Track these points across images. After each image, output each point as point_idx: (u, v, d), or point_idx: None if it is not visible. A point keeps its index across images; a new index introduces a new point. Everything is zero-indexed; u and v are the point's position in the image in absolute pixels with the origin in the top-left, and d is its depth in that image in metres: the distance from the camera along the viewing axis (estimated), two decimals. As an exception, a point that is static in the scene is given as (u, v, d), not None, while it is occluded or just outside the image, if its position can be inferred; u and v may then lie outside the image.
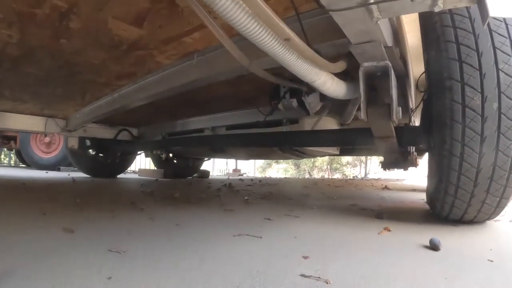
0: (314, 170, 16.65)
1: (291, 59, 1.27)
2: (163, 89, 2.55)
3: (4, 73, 2.73)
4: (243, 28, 1.05)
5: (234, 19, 1.01)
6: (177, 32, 1.95)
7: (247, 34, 1.09)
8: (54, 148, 7.45)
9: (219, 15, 1.00)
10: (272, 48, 1.17)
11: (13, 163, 14.12)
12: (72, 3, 1.67)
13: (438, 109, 1.64)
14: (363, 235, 1.62)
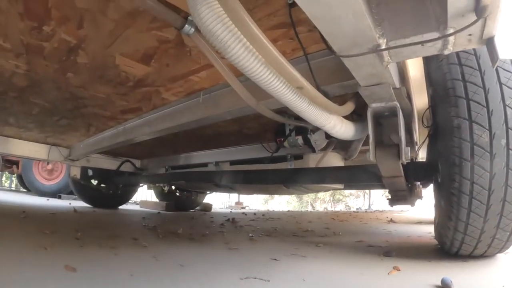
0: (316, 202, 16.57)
1: (302, 105, 1.26)
2: (169, 125, 2.55)
3: (10, 101, 2.74)
4: (255, 76, 1.05)
5: (246, 67, 1.00)
6: (184, 70, 1.96)
7: (259, 82, 1.08)
8: (56, 175, 7.41)
9: (231, 62, 0.99)
10: (284, 96, 1.17)
11: (14, 187, 14.08)
12: (80, 39, 1.67)
13: (446, 148, 1.63)
14: (373, 275, 1.59)
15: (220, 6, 0.87)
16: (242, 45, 0.94)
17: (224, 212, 6.73)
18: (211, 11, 0.88)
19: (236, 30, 0.91)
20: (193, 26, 1.30)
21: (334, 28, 0.94)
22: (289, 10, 1.23)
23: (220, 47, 0.94)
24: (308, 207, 11.35)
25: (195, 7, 0.88)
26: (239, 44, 0.93)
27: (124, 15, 1.44)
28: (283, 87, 1.12)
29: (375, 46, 1.00)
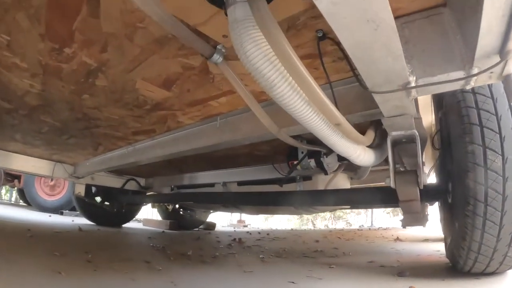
0: (317, 219, 16.51)
1: (335, 139, 1.28)
2: (183, 149, 2.53)
3: (19, 118, 2.71)
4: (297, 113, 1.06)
5: (290, 105, 1.02)
6: (204, 96, 1.95)
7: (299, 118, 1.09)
8: (58, 191, 7.37)
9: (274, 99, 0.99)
10: (321, 131, 1.19)
11: (13, 201, 14.00)
12: (102, 62, 1.66)
13: (460, 172, 1.67)
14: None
15: (267, 44, 0.87)
16: (288, 84, 0.95)
17: (227, 231, 6.69)
18: (258, 49, 0.88)
19: (283, 69, 0.92)
20: (221, 55, 1.31)
21: (372, 68, 0.97)
22: (317, 43, 1.26)
23: (265, 85, 0.95)
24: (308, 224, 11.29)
25: (241, 44, 0.89)
26: (285, 83, 0.94)
27: (151, 41, 1.44)
28: (322, 123, 1.14)
29: (405, 83, 1.04)
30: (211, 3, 1.05)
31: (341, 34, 0.81)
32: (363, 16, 0.74)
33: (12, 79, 1.95)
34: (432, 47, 1.09)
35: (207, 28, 1.23)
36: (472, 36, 0.92)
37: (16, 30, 1.44)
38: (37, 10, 1.30)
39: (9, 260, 1.94)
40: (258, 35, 0.88)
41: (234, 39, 0.91)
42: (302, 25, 1.23)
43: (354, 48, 0.88)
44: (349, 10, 0.72)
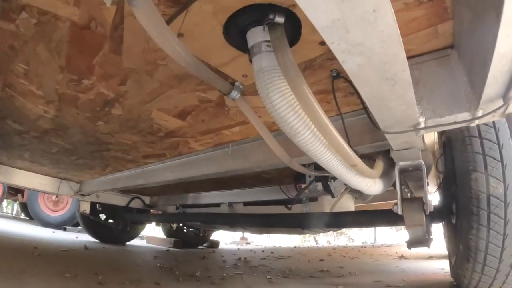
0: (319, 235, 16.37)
1: (350, 176, 1.34)
2: (193, 174, 2.56)
3: (30, 139, 2.73)
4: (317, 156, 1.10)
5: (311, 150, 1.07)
6: (218, 126, 1.98)
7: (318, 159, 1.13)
8: (62, 207, 7.33)
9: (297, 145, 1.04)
10: (338, 170, 1.24)
11: (14, 213, 13.95)
12: (119, 94, 1.70)
13: (464, 198, 1.75)
14: None
15: (291, 93, 0.92)
16: (311, 131, 0.99)
17: (231, 249, 6.67)
18: (283, 99, 0.93)
19: (306, 118, 0.96)
20: (239, 91, 1.36)
21: (386, 114, 1.03)
22: (332, 81, 1.32)
23: (289, 132, 1.00)
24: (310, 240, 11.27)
25: (267, 94, 0.93)
26: (308, 131, 0.99)
27: (171, 77, 1.48)
28: (339, 164, 1.19)
29: (416, 124, 1.10)
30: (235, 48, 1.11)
31: (362, 88, 0.88)
32: (383, 75, 0.80)
33: (26, 104, 1.98)
34: (441, 88, 1.15)
35: (228, 69, 1.28)
36: (478, 83, 0.97)
37: (35, 61, 1.48)
38: (58, 44, 1.34)
39: (22, 282, 1.95)
40: (283, 85, 0.93)
41: (260, 88, 0.96)
42: (318, 65, 1.28)
43: (372, 99, 0.94)
44: (372, 71, 0.78)
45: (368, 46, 0.70)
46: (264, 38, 0.96)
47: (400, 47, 0.71)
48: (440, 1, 0.96)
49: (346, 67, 0.76)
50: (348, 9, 0.59)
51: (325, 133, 1.01)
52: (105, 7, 1.08)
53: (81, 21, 1.18)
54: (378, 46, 0.70)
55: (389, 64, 0.76)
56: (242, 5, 0.93)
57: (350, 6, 0.59)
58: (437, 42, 1.16)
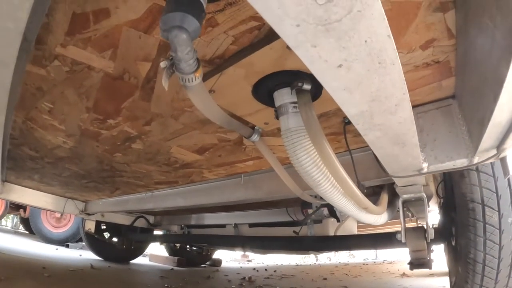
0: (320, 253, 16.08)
1: (361, 215, 1.46)
2: (205, 202, 2.62)
3: (43, 164, 2.76)
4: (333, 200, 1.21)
5: (329, 197, 1.18)
6: (233, 160, 2.06)
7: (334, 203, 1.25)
8: (64, 223, 7.36)
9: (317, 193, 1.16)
10: (351, 211, 1.36)
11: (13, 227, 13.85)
12: (143, 132, 1.76)
13: (462, 225, 1.87)
14: None
15: (315, 151, 1.04)
16: (330, 183, 1.11)
17: (234, 267, 6.70)
18: (308, 157, 1.05)
19: (327, 171, 1.08)
20: (258, 134, 1.47)
21: (395, 164, 1.17)
22: (344, 127, 1.46)
23: (311, 183, 1.11)
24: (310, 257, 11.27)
25: (294, 151, 1.05)
26: (328, 182, 1.11)
27: (194, 121, 1.57)
28: (352, 207, 1.31)
29: (419, 169, 1.22)
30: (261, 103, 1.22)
31: (377, 150, 1.02)
32: (396, 142, 0.94)
33: (46, 136, 2.01)
34: (442, 136, 1.28)
35: (252, 118, 1.39)
36: (476, 136, 1.10)
37: (62, 102, 1.53)
38: (88, 90, 1.40)
39: None
40: (308, 144, 1.05)
41: (288, 145, 1.08)
42: (333, 114, 1.41)
43: (384, 157, 1.08)
44: (387, 140, 0.92)
45: (386, 126, 0.84)
46: (291, 100, 1.07)
47: (412, 124, 0.85)
48: (445, 63, 1.09)
49: (367, 138, 0.90)
50: (376, 105, 0.74)
51: (342, 183, 1.13)
52: (140, 63, 1.17)
53: (115, 73, 1.25)
54: (395, 125, 0.84)
55: (402, 136, 0.90)
56: (273, 70, 1.04)
57: (378, 104, 0.73)
58: (440, 93, 1.29)
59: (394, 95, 0.71)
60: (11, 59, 0.93)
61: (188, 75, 0.78)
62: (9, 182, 3.91)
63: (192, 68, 0.77)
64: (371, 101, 0.72)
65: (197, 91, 0.87)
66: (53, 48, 1.13)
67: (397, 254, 10.29)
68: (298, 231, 3.06)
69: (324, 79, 0.65)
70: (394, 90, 0.69)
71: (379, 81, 0.65)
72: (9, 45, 0.87)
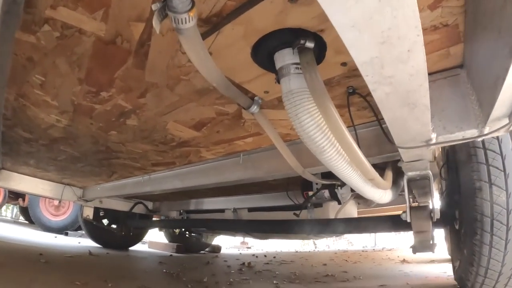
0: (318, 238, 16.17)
1: (366, 188, 1.39)
2: (203, 182, 2.57)
3: (37, 147, 2.73)
4: (338, 171, 1.15)
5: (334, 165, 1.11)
6: (232, 136, 2.01)
7: (339, 174, 1.18)
8: (63, 212, 7.34)
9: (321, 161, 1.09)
10: (356, 183, 1.29)
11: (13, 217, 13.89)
12: (137, 106, 1.71)
13: (468, 205, 1.84)
14: None
15: (319, 113, 0.97)
16: (335, 149, 1.05)
17: (233, 253, 6.68)
18: (312, 120, 0.97)
19: (332, 137, 1.01)
20: (258, 105, 1.40)
21: (403, 132, 1.10)
22: (347, 97, 1.39)
23: (315, 150, 1.05)
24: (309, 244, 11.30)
25: (296, 114, 0.98)
26: (333, 149, 1.04)
27: (191, 92, 1.50)
28: (358, 178, 1.24)
29: (428, 140, 1.16)
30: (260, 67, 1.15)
31: (385, 112, 0.94)
32: (406, 101, 0.87)
33: (39, 114, 1.98)
34: (451, 106, 1.23)
35: (251, 85, 1.32)
36: (487, 104, 1.05)
37: (53, 73, 1.48)
38: (79, 58, 1.35)
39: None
40: (312, 106, 0.97)
41: (289, 108, 1.00)
42: (336, 83, 1.33)
43: (392, 120, 1.01)
44: (396, 98, 0.85)
45: (397, 78, 0.77)
46: (293, 61, 1.00)
47: (425, 79, 0.79)
48: (454, 27, 1.02)
49: (375, 95, 0.83)
50: (386, 50, 0.66)
51: (349, 150, 1.06)
52: (133, 24, 1.10)
53: (106, 36, 1.19)
54: (406, 79, 0.77)
55: (413, 92, 0.83)
56: (273, 28, 0.97)
57: (389, 47, 0.66)
58: (447, 62, 1.23)
59: (407, 36, 0.64)
60: None
61: (182, 15, 0.72)
62: (5, 169, 3.89)
63: (186, 6, 0.70)
64: (382, 43, 0.65)
65: (191, 36, 0.80)
66: (43, 11, 1.08)
67: (397, 241, 10.34)
68: (298, 213, 3.02)
69: (331, 12, 0.58)
70: (408, 30, 0.62)
71: (391, 16, 0.58)
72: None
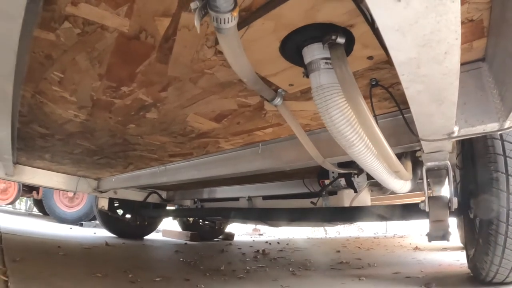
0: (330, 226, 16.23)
1: (390, 180, 1.41)
2: (221, 173, 2.57)
3: (53, 142, 2.73)
4: (365, 164, 1.17)
5: (362, 159, 1.14)
6: (252, 127, 2.00)
7: (366, 167, 1.21)
8: (77, 203, 7.47)
9: (350, 155, 1.10)
10: (381, 175, 1.32)
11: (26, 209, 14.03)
12: (158, 99, 1.69)
13: (485, 196, 1.87)
14: None
15: (349, 108, 0.98)
16: (364, 144, 1.07)
17: (246, 241, 6.74)
18: (342, 115, 0.99)
19: (361, 131, 1.03)
20: (281, 98, 1.40)
21: (428, 125, 1.12)
22: (370, 89, 1.40)
23: (344, 144, 1.07)
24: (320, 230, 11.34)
25: (326, 109, 0.99)
26: (362, 143, 1.06)
27: (214, 85, 1.49)
28: (383, 171, 1.26)
29: (450, 133, 1.18)
30: (288, 61, 1.16)
31: (414, 107, 0.97)
32: (435, 98, 0.90)
33: (56, 110, 1.96)
34: (472, 99, 1.24)
35: (276, 79, 1.32)
36: (508, 98, 1.07)
37: (72, 69, 1.46)
38: (100, 54, 1.32)
39: (54, 285, 1.97)
40: (342, 101, 0.99)
41: (319, 103, 1.02)
42: (360, 75, 1.33)
43: (419, 115, 1.03)
44: (427, 95, 0.88)
45: (430, 77, 0.80)
46: (322, 55, 1.00)
47: (456, 78, 0.81)
48: (479, 22, 1.03)
49: (407, 92, 0.86)
50: (425, 52, 0.69)
51: (377, 144, 1.08)
52: (159, 19, 1.08)
53: (130, 32, 1.16)
54: (438, 78, 0.80)
55: (443, 90, 0.86)
56: (303, 23, 0.97)
57: (428, 50, 0.68)
58: (470, 55, 1.24)
59: (447, 40, 0.66)
60: (18, 10, 0.86)
61: (225, 14, 0.72)
62: (20, 164, 3.92)
63: (229, 5, 0.70)
64: (422, 46, 0.68)
65: (231, 35, 0.80)
66: (63, 8, 1.05)
67: (408, 228, 10.34)
68: (315, 202, 3.03)
69: (379, 15, 0.60)
70: (448, 34, 0.64)
71: (435, 21, 0.61)
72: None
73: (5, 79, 1.29)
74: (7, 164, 3.47)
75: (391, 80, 1.36)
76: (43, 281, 2.02)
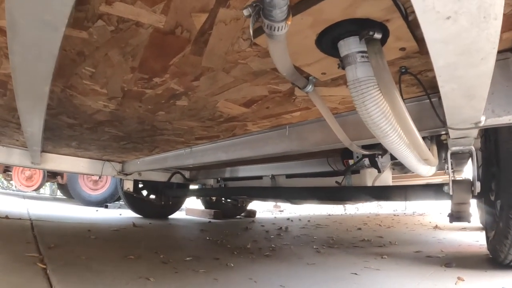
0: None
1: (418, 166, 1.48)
2: (248, 155, 2.60)
3: (81, 130, 2.77)
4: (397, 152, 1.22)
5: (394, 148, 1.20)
6: (281, 111, 2.02)
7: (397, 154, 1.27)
8: (102, 185, 7.67)
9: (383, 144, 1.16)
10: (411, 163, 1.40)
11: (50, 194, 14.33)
12: (189, 88, 1.72)
13: (507, 181, 1.92)
14: (445, 287, 1.86)
15: (384, 101, 1.04)
16: (397, 134, 1.13)
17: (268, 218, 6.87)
18: (377, 108, 1.05)
19: (395, 122, 1.09)
20: (313, 84, 1.44)
21: (457, 116, 1.19)
22: (399, 76, 1.43)
23: (378, 134, 1.13)
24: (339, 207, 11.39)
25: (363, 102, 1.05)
26: (395, 133, 1.12)
27: (247, 73, 1.52)
28: (413, 158, 1.33)
29: (477, 122, 1.24)
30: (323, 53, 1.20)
31: (446, 102, 1.03)
32: (467, 94, 0.96)
33: (86, 102, 1.99)
34: (500, 90, 1.28)
35: (310, 68, 1.35)
36: None
37: (104, 64, 1.48)
38: (134, 48, 1.34)
39: (93, 270, 2.02)
40: (377, 94, 1.04)
41: (355, 96, 1.07)
42: (390, 63, 1.36)
43: (450, 108, 1.09)
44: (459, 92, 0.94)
45: (465, 78, 0.86)
46: (359, 49, 1.04)
47: (488, 78, 0.87)
48: (510, 16, 1.04)
49: (442, 90, 0.93)
50: (463, 58, 0.75)
51: (409, 134, 1.15)
52: (196, 15, 1.10)
53: (165, 28, 1.18)
54: (473, 78, 0.86)
55: (475, 88, 0.92)
56: (341, 18, 1.00)
57: (466, 57, 0.74)
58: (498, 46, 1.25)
59: (484, 49, 0.72)
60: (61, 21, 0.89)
61: (279, 23, 0.75)
62: (46, 152, 4.00)
63: (284, 14, 0.74)
64: (461, 54, 0.73)
65: (281, 41, 0.85)
66: (97, 7, 1.06)
67: (427, 206, 10.36)
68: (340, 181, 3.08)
69: (428, 30, 0.66)
70: (487, 44, 0.70)
71: (477, 34, 0.67)
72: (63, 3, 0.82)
73: (43, 81, 1.34)
74: (35, 154, 3.58)
75: (420, 68, 1.39)
76: (82, 266, 2.09)
